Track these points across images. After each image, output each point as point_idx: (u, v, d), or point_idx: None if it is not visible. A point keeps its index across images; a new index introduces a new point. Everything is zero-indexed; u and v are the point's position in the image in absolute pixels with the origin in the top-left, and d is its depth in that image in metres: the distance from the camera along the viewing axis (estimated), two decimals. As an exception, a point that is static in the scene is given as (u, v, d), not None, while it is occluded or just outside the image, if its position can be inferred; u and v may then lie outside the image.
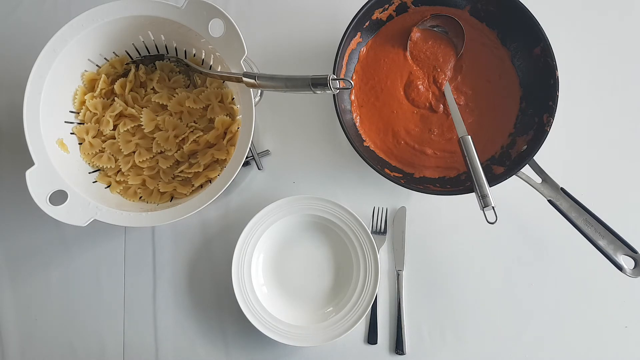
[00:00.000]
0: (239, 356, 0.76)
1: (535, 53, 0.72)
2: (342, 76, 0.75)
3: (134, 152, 0.73)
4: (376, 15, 0.76)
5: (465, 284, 0.77)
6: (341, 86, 0.63)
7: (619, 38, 0.82)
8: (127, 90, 0.74)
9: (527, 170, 0.70)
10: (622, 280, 0.67)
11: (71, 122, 0.71)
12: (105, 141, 0.73)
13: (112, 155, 0.73)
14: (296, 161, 0.79)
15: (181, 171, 0.73)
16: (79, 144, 0.72)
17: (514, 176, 0.70)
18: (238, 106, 0.73)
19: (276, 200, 0.74)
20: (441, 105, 0.76)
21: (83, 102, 0.72)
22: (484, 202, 0.64)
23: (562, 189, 0.69)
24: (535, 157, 0.70)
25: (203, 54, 0.73)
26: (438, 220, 0.78)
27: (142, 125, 0.72)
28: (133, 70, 0.74)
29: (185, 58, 0.75)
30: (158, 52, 0.75)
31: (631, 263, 0.66)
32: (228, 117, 0.72)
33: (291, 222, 0.76)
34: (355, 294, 0.73)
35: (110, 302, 0.77)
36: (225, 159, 0.72)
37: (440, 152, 0.76)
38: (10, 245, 0.78)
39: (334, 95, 0.69)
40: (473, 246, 0.78)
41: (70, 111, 0.72)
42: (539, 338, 0.76)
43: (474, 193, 0.66)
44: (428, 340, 0.76)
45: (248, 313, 0.72)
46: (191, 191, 0.72)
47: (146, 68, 0.75)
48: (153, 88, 0.74)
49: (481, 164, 0.66)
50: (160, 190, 0.72)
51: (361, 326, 0.76)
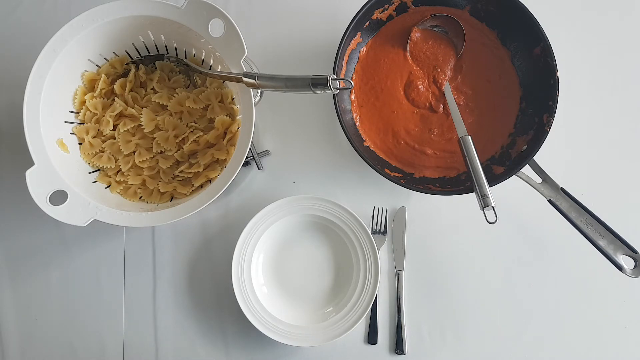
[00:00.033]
0: (239, 356, 0.76)
1: (535, 53, 0.72)
2: (342, 76, 0.75)
3: (134, 152, 0.73)
4: (376, 15, 0.76)
5: (465, 284, 0.77)
6: (341, 86, 0.63)
7: (619, 38, 0.82)
8: (127, 90, 0.74)
9: (527, 170, 0.70)
10: (622, 280, 0.67)
11: (71, 122, 0.71)
12: (105, 141, 0.73)
13: (112, 155, 0.73)
14: (296, 161, 0.79)
15: (181, 171, 0.73)
16: (79, 144, 0.72)
17: (514, 176, 0.70)
18: (238, 106, 0.73)
19: (276, 200, 0.74)
20: (441, 105, 0.76)
21: (83, 102, 0.72)
22: (484, 202, 0.64)
23: (562, 189, 0.69)
24: (535, 157, 0.70)
25: (203, 54, 0.73)
26: (438, 220, 0.78)
27: (142, 125, 0.72)
28: (133, 70, 0.74)
29: (185, 58, 0.75)
30: (158, 52, 0.75)
31: (631, 263, 0.66)
32: (228, 117, 0.72)
33: (291, 222, 0.76)
34: (355, 294, 0.73)
35: (110, 302, 0.77)
36: (225, 159, 0.72)
37: (440, 152, 0.76)
38: (10, 245, 0.78)
39: (334, 95, 0.69)
40: (473, 246, 0.78)
41: (70, 111, 0.72)
42: (539, 338, 0.76)
43: (474, 193, 0.66)
44: (428, 340, 0.76)
45: (248, 313, 0.72)
46: (191, 191, 0.72)
47: (146, 68, 0.75)
48: (153, 88, 0.74)
49: (481, 164, 0.66)
50: (160, 190, 0.72)
51: (361, 326, 0.76)
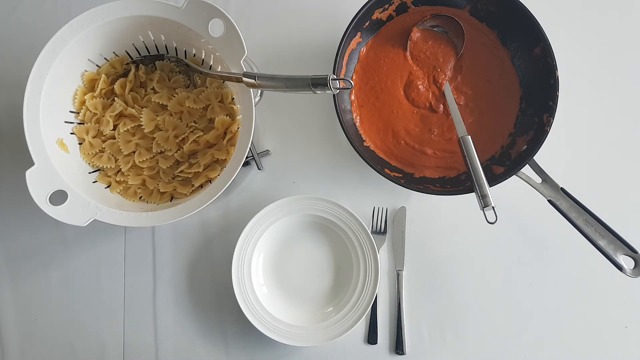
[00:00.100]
0: (239, 356, 0.76)
1: (535, 53, 0.72)
2: (342, 76, 0.75)
3: (134, 152, 0.73)
4: (376, 15, 0.76)
5: (465, 284, 0.77)
6: (341, 86, 0.63)
7: (619, 38, 0.82)
8: (127, 90, 0.74)
9: (527, 170, 0.70)
10: (622, 280, 0.67)
11: (71, 122, 0.71)
12: (105, 141, 0.73)
13: (112, 155, 0.73)
14: (296, 161, 0.79)
15: (181, 171, 0.73)
16: (79, 144, 0.72)
17: (514, 176, 0.70)
18: (238, 106, 0.73)
19: (276, 200, 0.74)
20: (441, 105, 0.76)
21: (83, 102, 0.72)
22: (484, 202, 0.64)
23: (562, 189, 0.69)
24: (535, 157, 0.70)
25: (203, 54, 0.73)
26: (438, 220, 0.78)
27: (142, 125, 0.72)
28: (133, 70, 0.74)
29: (185, 58, 0.75)
30: (158, 52, 0.75)
31: (631, 263, 0.66)
32: (228, 117, 0.72)
33: (291, 222, 0.76)
34: (355, 294, 0.73)
35: (110, 302, 0.77)
36: (225, 159, 0.72)
37: (440, 152, 0.76)
38: (10, 245, 0.78)
39: (334, 95, 0.69)
40: (473, 246, 0.78)
41: (70, 111, 0.72)
42: (539, 338, 0.76)
43: (474, 193, 0.66)
44: (428, 340, 0.76)
45: (248, 313, 0.72)
46: (191, 191, 0.72)
47: (146, 68, 0.75)
48: (153, 88, 0.74)
49: (481, 164, 0.66)
50: (160, 190, 0.72)
51: (361, 326, 0.76)
